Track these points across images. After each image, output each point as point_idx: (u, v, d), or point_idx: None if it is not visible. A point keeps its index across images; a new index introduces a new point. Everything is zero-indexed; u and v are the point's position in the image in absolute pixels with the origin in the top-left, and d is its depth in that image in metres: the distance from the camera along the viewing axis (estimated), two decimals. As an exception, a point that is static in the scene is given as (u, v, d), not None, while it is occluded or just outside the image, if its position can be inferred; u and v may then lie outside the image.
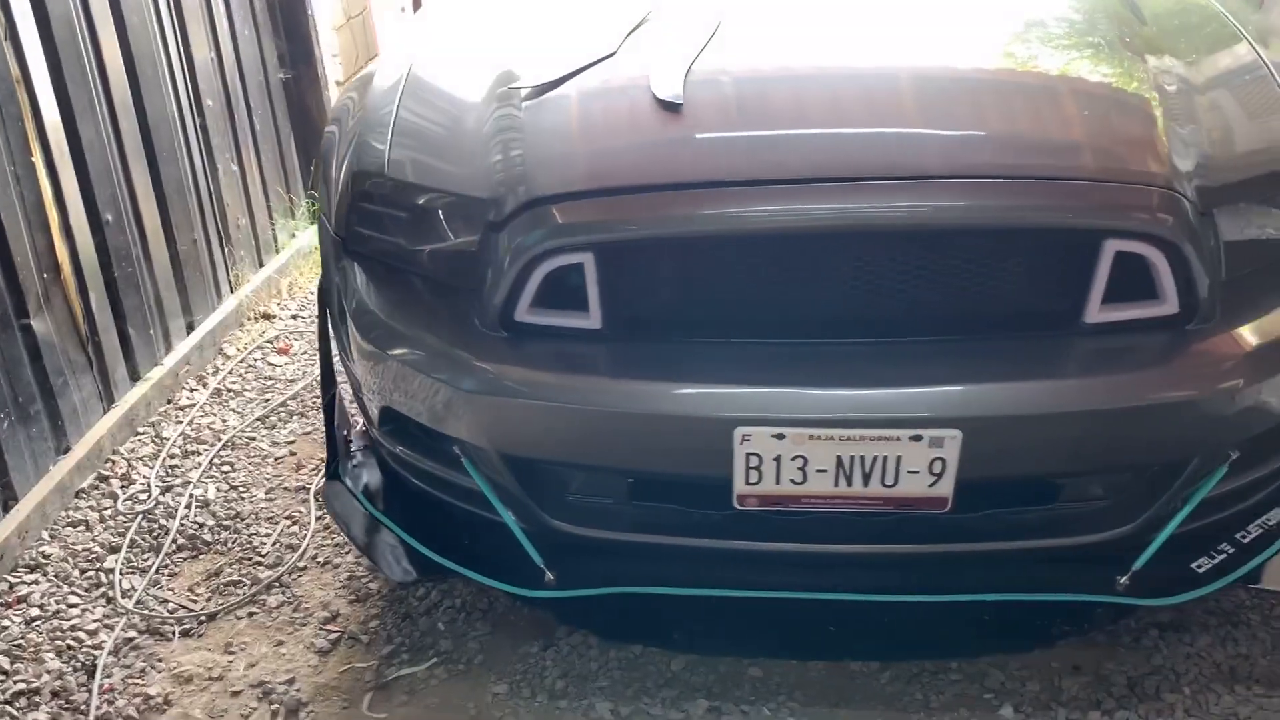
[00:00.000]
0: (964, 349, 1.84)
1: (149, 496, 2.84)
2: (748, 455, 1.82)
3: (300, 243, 4.23)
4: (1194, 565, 1.99)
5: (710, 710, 2.10)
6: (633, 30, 2.26)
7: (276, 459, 3.03)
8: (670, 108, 1.96)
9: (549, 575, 2.01)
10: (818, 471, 1.83)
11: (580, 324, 1.92)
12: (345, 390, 2.51)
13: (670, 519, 2.01)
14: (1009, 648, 2.19)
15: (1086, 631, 2.23)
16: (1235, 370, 1.81)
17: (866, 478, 1.83)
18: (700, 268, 1.89)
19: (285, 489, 2.89)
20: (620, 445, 1.90)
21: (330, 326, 2.36)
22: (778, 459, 1.82)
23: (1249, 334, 1.84)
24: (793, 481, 1.85)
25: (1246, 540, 2.04)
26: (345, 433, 2.45)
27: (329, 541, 2.66)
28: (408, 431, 2.15)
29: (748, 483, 1.86)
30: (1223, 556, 2.01)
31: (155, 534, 2.71)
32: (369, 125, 2.21)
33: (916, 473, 1.82)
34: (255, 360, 3.56)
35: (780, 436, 1.80)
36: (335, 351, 2.36)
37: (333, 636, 2.35)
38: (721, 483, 1.87)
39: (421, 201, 2.06)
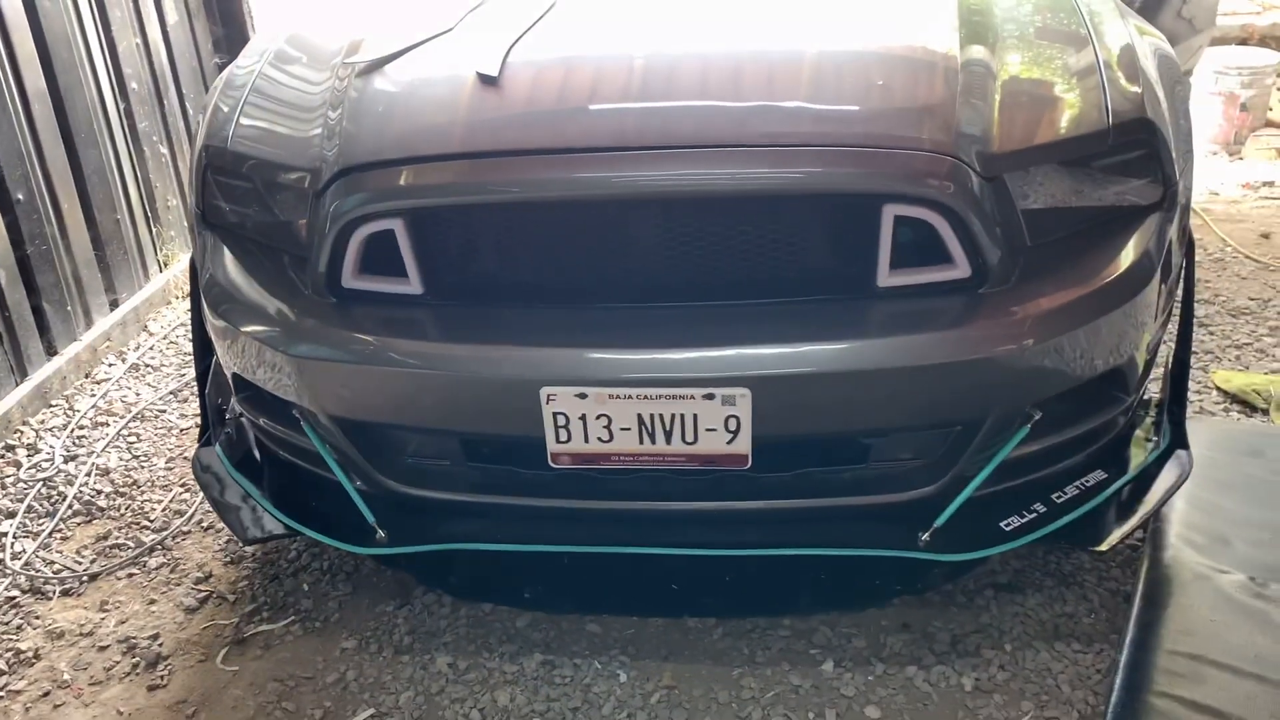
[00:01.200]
0: (759, 312, 1.90)
1: (51, 465, 2.95)
2: (554, 415, 1.90)
3: (239, 225, 4.32)
4: (1003, 524, 2.04)
5: (544, 664, 2.18)
6: (474, 9, 2.33)
7: (182, 430, 3.13)
8: (487, 81, 2.03)
9: (380, 533, 2.09)
10: (622, 430, 1.91)
11: (402, 289, 2.00)
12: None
13: (496, 479, 2.09)
14: (842, 606, 2.26)
15: (921, 591, 2.29)
16: (1023, 331, 1.86)
17: (668, 435, 1.90)
18: (509, 234, 1.97)
19: (185, 459, 2.99)
20: (440, 407, 1.98)
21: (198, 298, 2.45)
22: (583, 418, 1.90)
23: (1041, 296, 1.90)
24: (600, 440, 1.92)
25: (1062, 500, 2.10)
26: (220, 401, 2.54)
27: (216, 508, 2.75)
28: (260, 398, 2.23)
29: (558, 441, 1.93)
30: (1033, 515, 2.06)
31: (53, 500, 2.82)
32: (225, 98, 2.30)
33: (714, 430, 1.89)
34: (178, 337, 3.66)
35: (583, 396, 1.88)
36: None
37: (202, 595, 2.44)
38: (536, 442, 1.95)
39: (260, 173, 2.14)
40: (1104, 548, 2.05)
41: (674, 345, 1.87)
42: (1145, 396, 2.30)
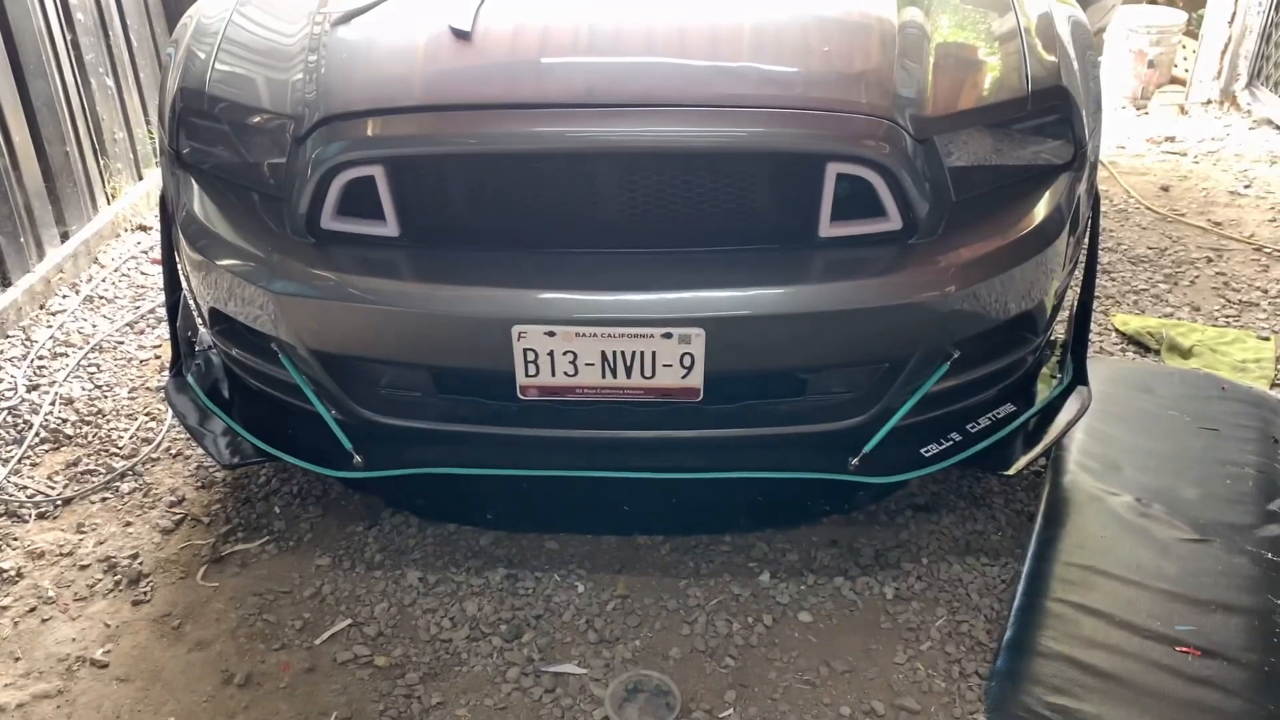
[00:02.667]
0: (713, 260, 2.09)
1: (14, 394, 3.03)
2: (524, 350, 2.07)
3: (182, 157, 4.35)
4: (923, 450, 2.28)
5: (508, 577, 2.37)
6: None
7: (142, 361, 3.23)
8: (461, 36, 2.16)
9: (356, 458, 2.25)
10: (586, 365, 2.09)
11: (379, 231, 2.14)
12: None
13: (466, 409, 2.26)
14: (777, 524, 2.49)
15: (848, 511, 2.54)
16: (946, 279, 2.07)
17: (629, 370, 2.09)
18: (480, 182, 2.12)
19: (147, 389, 3.09)
20: (416, 342, 2.13)
21: (171, 234, 2.55)
22: (551, 354, 2.07)
23: (964, 247, 2.11)
24: (565, 374, 2.10)
25: (975, 430, 2.34)
26: (190, 334, 2.65)
27: (183, 436, 2.87)
28: (235, 331, 2.36)
29: (527, 375, 2.11)
30: (949, 444, 2.30)
31: (19, 428, 2.91)
32: (198, 43, 2.39)
33: (670, 366, 2.08)
34: (129, 269, 3.72)
35: (551, 334, 2.05)
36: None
37: (176, 518, 2.58)
38: (506, 376, 2.12)
39: (237, 117, 2.24)
40: (1011, 472, 2.30)
41: (636, 288, 2.04)
42: (1052, 337, 2.55)
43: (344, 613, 2.30)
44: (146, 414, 2.98)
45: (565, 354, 2.08)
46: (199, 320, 2.58)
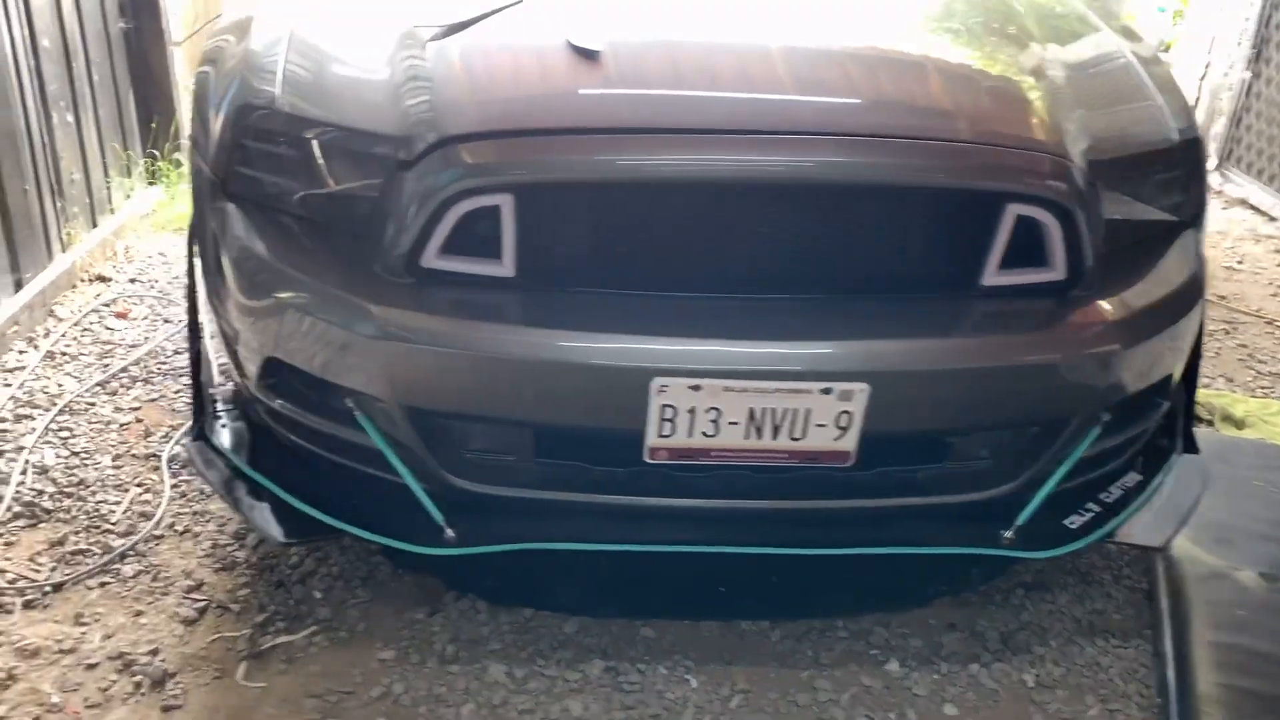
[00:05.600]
0: (871, 307, 1.89)
1: (-23, 461, 2.60)
2: (663, 406, 1.82)
3: (136, 205, 3.96)
4: (1067, 522, 2.10)
5: (607, 670, 2.07)
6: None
7: (121, 425, 2.82)
8: (587, 55, 1.93)
9: (448, 533, 1.94)
10: (729, 424, 1.85)
11: (491, 271, 1.87)
12: (209, 345, 2.37)
13: (574, 475, 1.98)
14: (889, 606, 2.27)
15: (960, 591, 2.33)
16: (1115, 335, 1.93)
17: (776, 430, 1.86)
18: (616, 216, 1.88)
19: (134, 456, 2.69)
20: (532, 396, 1.86)
21: (203, 276, 2.21)
22: (692, 410, 1.83)
23: (1126, 302, 1.97)
24: (704, 434, 1.86)
25: (1110, 500, 2.18)
26: (210, 390, 2.30)
27: (187, 510, 2.49)
28: (292, 386, 2.04)
29: (660, 435, 1.85)
30: (1090, 514, 2.13)
31: (-14, 501, 2.48)
32: (255, 61, 2.09)
33: (824, 426, 1.85)
34: (91, 324, 3.30)
35: (696, 388, 1.80)
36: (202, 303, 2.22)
37: (199, 605, 2.20)
38: (632, 436, 1.86)
39: (316, 139, 1.96)
40: (1161, 545, 2.14)
41: (794, 338, 1.83)
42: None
43: (424, 715, 1.96)
44: (139, 485, 2.57)
45: (708, 411, 1.83)
46: (225, 373, 2.24)
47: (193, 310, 2.30)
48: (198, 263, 2.27)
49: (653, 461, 1.89)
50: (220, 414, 2.29)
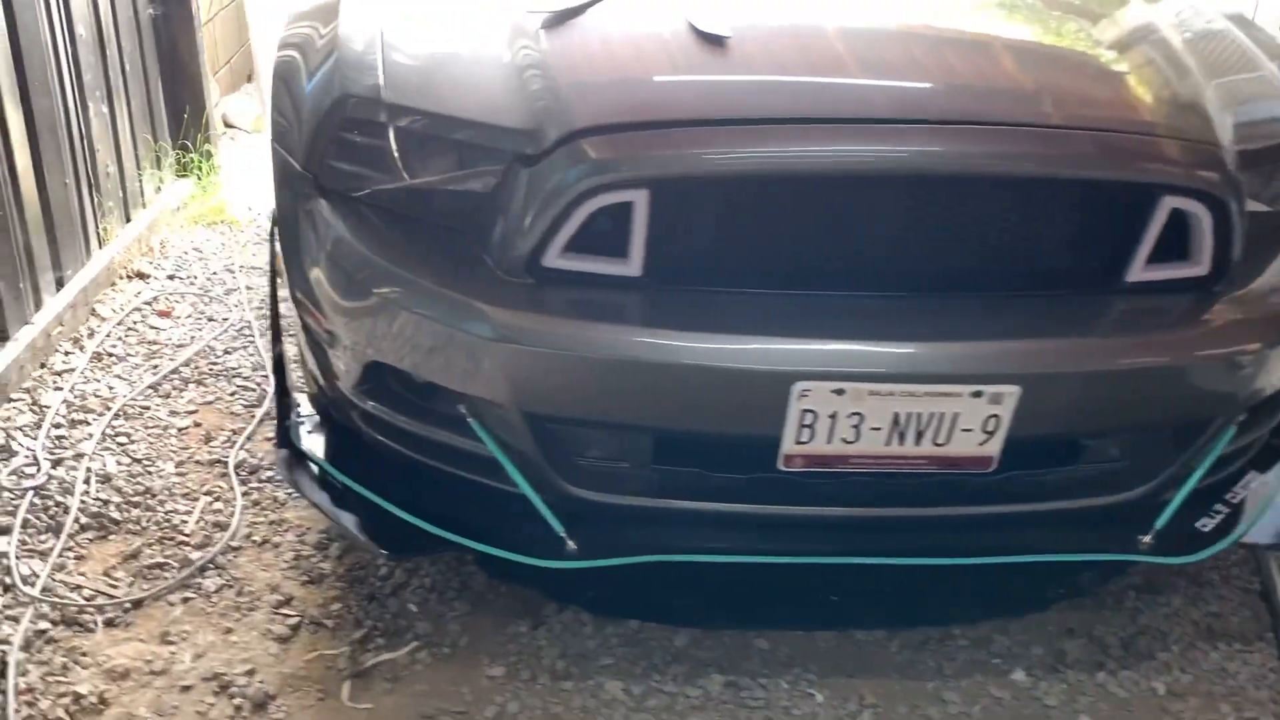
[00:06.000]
0: (1017, 305, 1.81)
1: (37, 470, 2.47)
2: (803, 412, 1.73)
3: (167, 198, 3.82)
4: (1198, 525, 2.03)
5: (728, 685, 1.99)
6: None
7: (180, 430, 2.70)
8: (714, 40, 1.83)
9: (571, 545, 1.84)
10: (871, 429, 1.76)
11: (617, 270, 1.77)
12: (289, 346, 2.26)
13: (699, 483, 1.89)
14: (1008, 612, 2.19)
15: (1075, 596, 2.26)
16: (1259, 332, 1.85)
17: (919, 436, 1.77)
18: (750, 211, 1.78)
19: (198, 462, 2.57)
20: (663, 401, 1.77)
21: (287, 273, 2.10)
22: (834, 416, 1.74)
23: (1265, 298, 1.90)
24: (844, 440, 1.77)
25: (1237, 501, 2.11)
26: (293, 395, 2.20)
27: (262, 519, 2.38)
28: (393, 391, 1.93)
29: (798, 441, 1.76)
30: (1220, 517, 2.06)
31: (52, 512, 2.35)
32: (350, 48, 1.98)
33: (969, 431, 1.77)
34: (135, 323, 3.17)
35: (840, 392, 1.72)
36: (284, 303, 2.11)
37: (291, 622, 2.09)
38: (768, 442, 1.77)
39: (422, 131, 1.85)
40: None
41: (942, 338, 1.74)
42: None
43: (544, 737, 1.87)
44: (208, 493, 2.46)
45: (850, 416, 1.74)
46: (306, 378, 2.14)
47: (274, 311, 2.20)
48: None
49: (787, 469, 1.80)
50: (304, 420, 2.18)
